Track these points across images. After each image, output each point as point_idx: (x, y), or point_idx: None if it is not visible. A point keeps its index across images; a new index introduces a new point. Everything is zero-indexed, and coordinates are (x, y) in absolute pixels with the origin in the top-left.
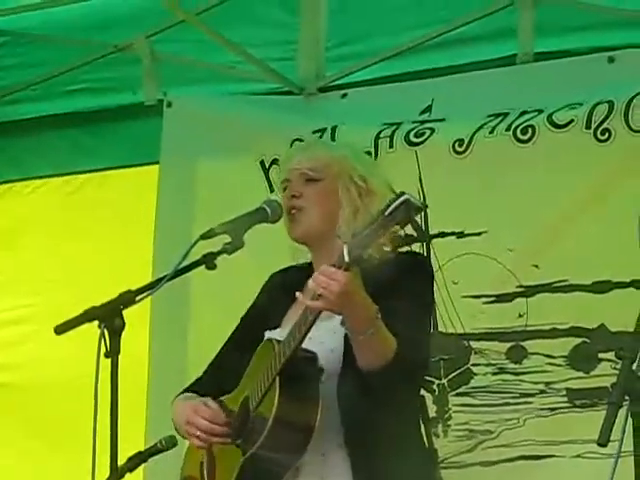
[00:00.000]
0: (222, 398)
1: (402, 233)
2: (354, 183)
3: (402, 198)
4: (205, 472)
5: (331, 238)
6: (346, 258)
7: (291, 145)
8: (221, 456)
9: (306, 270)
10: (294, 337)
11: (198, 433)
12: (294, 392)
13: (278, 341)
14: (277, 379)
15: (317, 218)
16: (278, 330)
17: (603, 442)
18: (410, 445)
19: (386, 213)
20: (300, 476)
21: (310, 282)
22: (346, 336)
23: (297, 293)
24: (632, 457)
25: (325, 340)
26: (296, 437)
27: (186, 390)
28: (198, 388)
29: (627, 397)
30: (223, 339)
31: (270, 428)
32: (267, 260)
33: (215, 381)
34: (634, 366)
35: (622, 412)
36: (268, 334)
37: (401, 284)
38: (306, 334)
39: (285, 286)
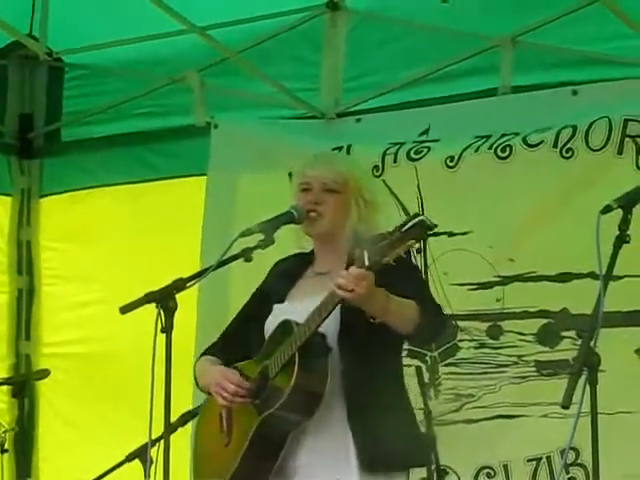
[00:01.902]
0: (241, 364)
1: None
2: (362, 197)
3: (418, 219)
4: (224, 423)
5: (336, 236)
6: (366, 262)
7: None
8: (238, 412)
9: (308, 256)
10: (314, 320)
11: (225, 394)
12: (309, 366)
13: (297, 323)
14: (296, 354)
15: (331, 223)
16: (285, 303)
17: (566, 405)
18: (396, 388)
19: (403, 229)
20: (307, 432)
21: (341, 279)
22: (343, 302)
23: (332, 285)
24: (589, 417)
25: None
26: (308, 402)
27: (205, 353)
28: (215, 351)
29: (585, 368)
30: None
31: (289, 393)
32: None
33: (229, 346)
34: (591, 343)
35: (581, 380)
36: (276, 307)
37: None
38: (324, 320)
39: (290, 268)
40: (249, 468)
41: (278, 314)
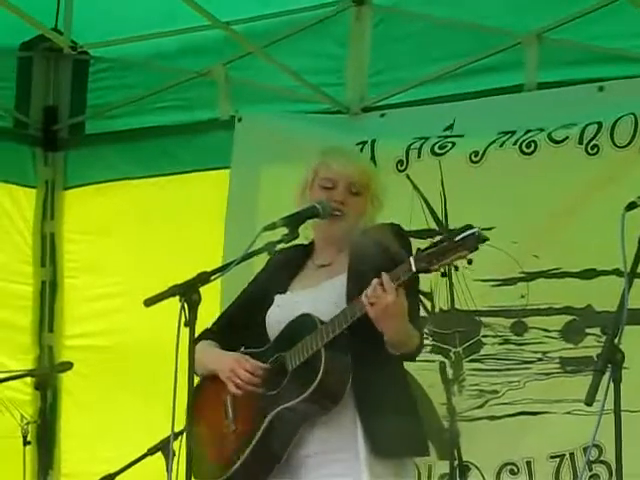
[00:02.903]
0: (250, 351)
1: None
2: (377, 199)
3: (473, 230)
4: (229, 410)
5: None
6: (413, 268)
7: None
8: (246, 400)
9: (307, 248)
10: (345, 319)
11: (238, 382)
12: (334, 363)
13: (321, 321)
14: (323, 350)
15: (351, 225)
16: (288, 294)
17: (589, 402)
18: (399, 379)
19: (456, 239)
20: (315, 425)
21: (367, 290)
22: (348, 290)
23: (362, 296)
24: (612, 414)
25: (329, 296)
26: (330, 398)
27: (200, 338)
28: (213, 337)
29: (609, 365)
30: None
31: (314, 389)
32: None
33: (227, 333)
34: (616, 340)
35: (605, 377)
36: (278, 297)
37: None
38: (353, 322)
39: (290, 260)
40: (260, 457)
41: (282, 305)
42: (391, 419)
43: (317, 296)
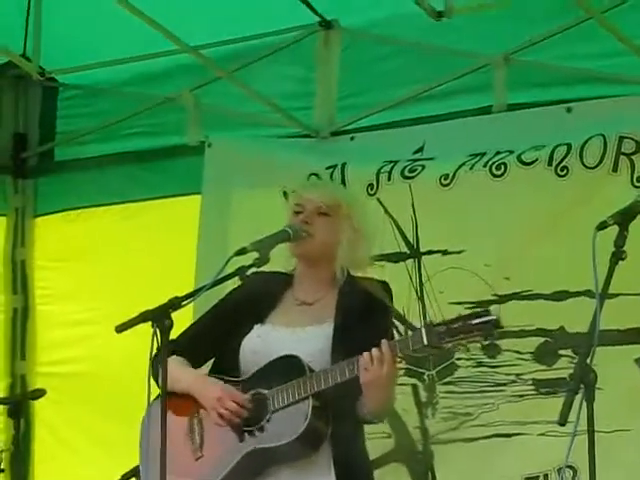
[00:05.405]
0: (227, 379)
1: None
2: (351, 222)
3: (491, 316)
4: (197, 436)
5: (323, 261)
6: (424, 341)
7: (308, 178)
8: (215, 429)
9: (287, 277)
10: (333, 377)
11: (224, 412)
12: (320, 412)
13: (310, 368)
14: (310, 399)
15: (320, 244)
16: (268, 326)
17: (562, 422)
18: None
19: (473, 322)
20: (287, 467)
21: (366, 354)
22: (334, 339)
23: (360, 358)
24: (586, 434)
25: (315, 342)
26: (312, 444)
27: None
28: (182, 352)
29: (582, 386)
30: None
31: (298, 437)
32: None
33: (196, 349)
34: (588, 360)
35: (578, 398)
36: (258, 327)
37: None
38: (344, 379)
39: (268, 287)
40: None
41: (262, 336)
42: (359, 468)
43: (302, 339)
